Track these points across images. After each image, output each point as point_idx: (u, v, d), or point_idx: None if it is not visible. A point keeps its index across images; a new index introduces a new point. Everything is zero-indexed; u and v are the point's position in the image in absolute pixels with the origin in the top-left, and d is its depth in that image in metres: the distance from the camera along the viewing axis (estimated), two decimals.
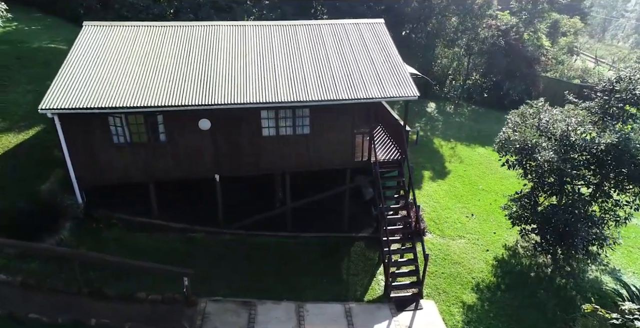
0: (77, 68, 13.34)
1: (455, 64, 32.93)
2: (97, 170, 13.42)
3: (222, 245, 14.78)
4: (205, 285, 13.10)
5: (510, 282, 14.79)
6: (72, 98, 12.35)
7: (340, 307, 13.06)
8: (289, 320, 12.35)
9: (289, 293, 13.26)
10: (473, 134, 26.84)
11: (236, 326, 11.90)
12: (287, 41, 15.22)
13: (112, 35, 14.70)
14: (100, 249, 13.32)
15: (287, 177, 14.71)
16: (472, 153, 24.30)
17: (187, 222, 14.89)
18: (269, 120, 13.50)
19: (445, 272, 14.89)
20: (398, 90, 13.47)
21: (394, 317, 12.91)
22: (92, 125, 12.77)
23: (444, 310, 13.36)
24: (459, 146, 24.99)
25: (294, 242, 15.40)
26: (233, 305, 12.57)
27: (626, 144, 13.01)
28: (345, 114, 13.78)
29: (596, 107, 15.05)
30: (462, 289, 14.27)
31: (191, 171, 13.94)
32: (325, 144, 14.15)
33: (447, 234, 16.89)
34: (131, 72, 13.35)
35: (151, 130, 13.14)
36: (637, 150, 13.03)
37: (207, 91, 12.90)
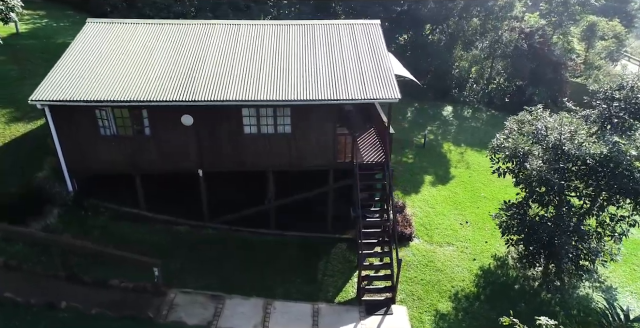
0: (71, 63, 13.99)
1: (476, 67, 32.10)
2: (86, 160, 14.03)
3: (203, 239, 15.11)
4: (180, 276, 13.47)
5: (491, 293, 14.35)
6: (61, 91, 12.98)
7: (308, 306, 13.08)
8: (254, 316, 12.49)
9: (260, 290, 13.40)
10: (486, 140, 26.03)
11: (200, 318, 12.15)
12: (278, 41, 15.37)
13: (110, 33, 15.31)
14: (85, 236, 13.93)
15: (270, 175, 14.83)
16: (481, 159, 23.61)
17: (172, 215, 15.30)
18: (250, 118, 13.68)
19: (424, 278, 14.61)
20: (379, 93, 13.34)
21: (361, 320, 12.80)
22: (81, 118, 13.36)
23: (414, 317, 13.12)
24: (468, 151, 24.38)
25: (275, 240, 15.53)
26: (202, 298, 12.83)
27: (617, 155, 12.34)
28: (327, 115, 13.77)
29: (594, 115, 14.35)
30: (439, 297, 13.96)
31: (175, 165, 14.33)
32: (307, 144, 14.19)
33: (436, 241, 16.55)
34: (121, 68, 13.87)
35: (136, 124, 13.61)
36: (628, 163, 12.33)
37: (189, 88, 13.23)
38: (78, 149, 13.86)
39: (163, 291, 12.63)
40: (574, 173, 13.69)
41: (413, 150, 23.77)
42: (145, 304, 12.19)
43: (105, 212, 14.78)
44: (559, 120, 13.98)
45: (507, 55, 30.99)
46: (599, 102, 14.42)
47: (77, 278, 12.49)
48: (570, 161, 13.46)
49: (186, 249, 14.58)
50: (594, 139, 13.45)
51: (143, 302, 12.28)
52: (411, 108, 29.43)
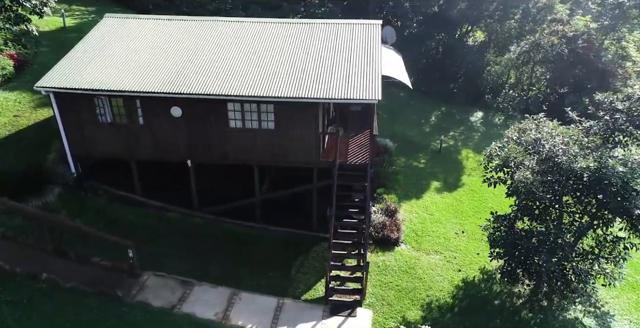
0: (79, 54, 15.08)
1: (515, 72, 30.69)
2: (86, 144, 15.06)
3: (190, 227, 15.71)
4: (160, 260, 14.13)
5: (467, 307, 13.83)
6: (65, 79, 14.04)
7: (274, 300, 13.27)
8: (218, 304, 12.87)
9: (231, 280, 13.75)
10: None
11: (166, 301, 12.70)
12: (275, 39, 15.66)
13: (121, 27, 16.30)
14: (80, 215, 14.98)
15: (256, 169, 15.15)
16: None
17: (165, 202, 16.03)
18: (235, 112, 14.06)
19: (400, 284, 14.34)
20: (360, 93, 13.25)
21: (323, 320, 12.81)
22: (81, 105, 14.35)
23: (378, 322, 12.94)
24: None
25: (259, 233, 15.84)
26: (173, 282, 13.40)
27: (604, 171, 11.48)
28: (310, 113, 13.85)
29: (596, 127, 13.41)
30: (410, 305, 13.66)
31: (167, 154, 15.02)
32: (290, 141, 14.36)
33: (424, 248, 16.15)
34: (122, 60, 14.74)
35: (130, 113, 14.40)
36: (616, 180, 11.44)
37: (178, 81, 13.82)
38: (80, 134, 14.90)
39: (137, 272, 13.32)
40: (566, 187, 12.88)
41: (427, 155, 23.23)
42: (118, 283, 12.92)
43: (103, 194, 15.77)
44: (551, 130, 13.21)
45: (548, 60, 29.38)
46: (602, 113, 13.44)
47: (63, 253, 13.47)
48: (563, 174, 12.69)
49: (172, 235, 15.23)
50: (587, 151, 12.59)
51: (117, 280, 13.02)
52: (437, 111, 28.71)
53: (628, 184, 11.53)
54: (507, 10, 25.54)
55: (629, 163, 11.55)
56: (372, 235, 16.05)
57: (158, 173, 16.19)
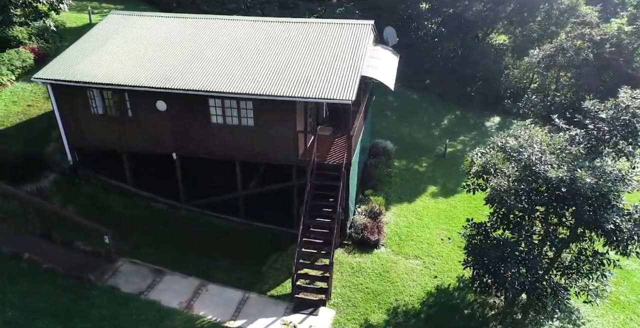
0: (79, 48, 15.88)
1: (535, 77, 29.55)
2: (81, 135, 15.85)
3: (175, 218, 16.23)
4: (139, 248, 14.70)
5: (434, 314, 13.56)
6: (62, 72, 14.83)
7: (240, 294, 13.52)
8: (184, 294, 13.26)
9: (203, 271, 14.11)
10: None
11: (135, 287, 13.22)
12: (264, 38, 15.89)
13: (123, 25, 17.01)
14: (72, 202, 15.82)
15: (238, 165, 15.44)
16: None
17: (154, 193, 16.63)
18: (217, 108, 14.39)
19: (370, 287, 14.24)
20: (335, 93, 13.22)
21: (284, 316, 12.94)
22: (76, 96, 15.12)
23: (339, 323, 12.92)
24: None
25: (239, 228, 16.14)
26: (145, 270, 13.91)
27: (573, 181, 10.98)
28: (288, 111, 13.98)
29: (580, 136, 12.79)
30: (376, 308, 13.54)
31: (153, 146, 15.56)
32: (270, 139, 14.54)
33: (404, 252, 15.94)
34: (117, 55, 15.42)
35: (120, 105, 15.04)
36: (585, 190, 10.91)
37: (164, 76, 14.30)
38: (75, 125, 15.70)
39: (113, 258, 13.93)
40: (543, 198, 12.40)
41: (430, 159, 22.83)
42: (93, 267, 13.56)
43: (97, 183, 16.56)
44: (529, 137, 12.73)
45: (573, 65, 28.10)
46: (588, 121, 12.81)
47: (48, 236, 14.27)
48: (540, 184, 12.23)
49: (156, 225, 15.80)
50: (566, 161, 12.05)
51: (93, 265, 13.67)
52: (451, 115, 28.12)
53: (601, 197, 11.00)
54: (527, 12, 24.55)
55: (603, 175, 10.97)
56: (352, 236, 16.05)
57: (150, 166, 16.79)
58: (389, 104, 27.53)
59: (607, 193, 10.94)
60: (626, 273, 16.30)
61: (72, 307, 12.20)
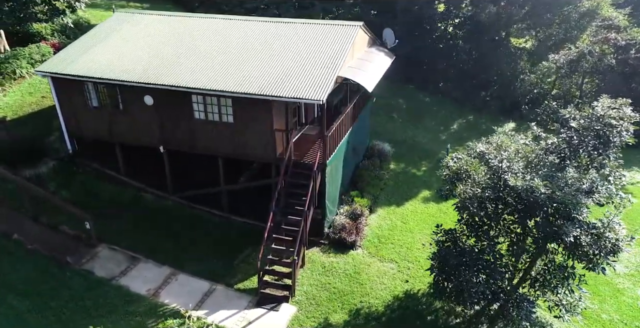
0: (80, 45, 16.78)
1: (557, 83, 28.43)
2: (78, 125, 16.74)
3: (160, 208, 16.84)
4: (121, 235, 15.39)
5: (397, 318, 13.44)
6: (61, 66, 15.74)
7: (207, 285, 13.91)
8: (154, 281, 13.78)
9: (177, 261, 14.59)
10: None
11: (108, 272, 13.87)
12: (252, 37, 16.21)
13: (125, 23, 17.80)
14: (67, 187, 16.75)
15: (220, 161, 15.85)
16: None
17: (145, 183, 17.33)
18: (199, 104, 14.85)
19: (337, 287, 14.27)
20: (308, 93, 13.35)
21: (245, 309, 13.21)
22: (73, 89, 15.99)
23: (297, 319, 13.05)
24: None
25: (221, 221, 16.55)
26: (121, 256, 14.55)
27: (531, 190, 10.65)
28: (264, 110, 14.23)
29: (554, 145, 12.35)
30: (339, 308, 13.56)
31: (142, 139, 16.22)
32: (248, 136, 14.85)
33: (380, 254, 15.85)
34: (113, 51, 16.18)
35: (112, 99, 15.78)
36: (542, 201, 10.56)
37: (152, 72, 14.90)
38: (73, 116, 16.62)
39: (93, 243, 14.66)
40: (509, 206, 12.08)
41: (430, 163, 22.47)
42: (73, 250, 14.34)
43: (92, 171, 17.44)
44: (498, 144, 12.41)
45: (597, 71, 26.89)
46: (562, 129, 12.36)
47: (38, 219, 15.19)
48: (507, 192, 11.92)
49: (141, 214, 16.46)
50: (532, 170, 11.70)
51: (73, 248, 14.45)
52: (462, 120, 27.51)
53: (561, 208, 10.62)
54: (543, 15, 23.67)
55: (563, 186, 10.58)
56: (329, 236, 16.12)
57: (142, 158, 17.45)
58: (398, 105, 27.28)
59: (566, 204, 10.54)
60: (616, 291, 15.52)
61: (44, 286, 12.98)
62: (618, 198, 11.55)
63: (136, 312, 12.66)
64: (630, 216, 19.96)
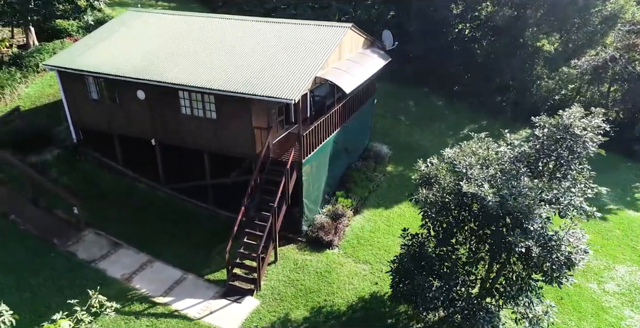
0: (87, 41, 17.84)
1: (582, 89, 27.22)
2: (81, 116, 17.81)
3: (152, 198, 17.63)
4: (110, 221, 16.25)
5: (356, 319, 13.47)
6: (66, 60, 16.82)
7: (179, 274, 14.49)
8: (130, 267, 14.50)
9: (156, 249, 15.26)
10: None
11: (90, 256, 14.72)
12: (246, 36, 16.66)
13: (131, 21, 18.73)
14: (68, 174, 17.86)
15: (206, 155, 16.42)
16: None
17: (141, 174, 18.19)
18: (185, 100, 15.47)
19: (305, 284, 14.47)
20: (282, 93, 13.63)
21: (210, 299, 13.67)
22: (77, 82, 17.04)
23: (258, 312, 13.36)
24: None
25: (207, 214, 17.12)
26: (105, 241, 15.40)
27: (481, 197, 10.47)
28: (244, 107, 14.64)
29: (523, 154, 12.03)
30: (301, 305, 13.77)
31: (136, 131, 17.06)
32: (230, 132, 15.31)
33: (356, 255, 15.92)
34: (114, 47, 17.10)
35: (110, 93, 16.69)
36: (493, 209, 10.37)
37: (144, 68, 15.66)
38: (76, 107, 17.69)
39: (80, 227, 15.60)
40: (471, 213, 11.91)
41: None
42: (62, 233, 15.32)
43: (93, 160, 18.49)
44: (462, 150, 12.23)
45: (622, 78, 25.58)
46: (531, 138, 12.03)
47: (37, 201, 16.33)
48: (468, 199, 11.76)
49: (132, 202, 17.29)
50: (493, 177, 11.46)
51: (63, 231, 15.43)
52: (474, 125, 26.85)
53: (516, 217, 10.39)
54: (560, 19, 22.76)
55: (517, 195, 10.33)
56: (307, 234, 16.34)
57: (138, 149, 18.24)
58: (407, 108, 27.04)
59: (518, 214, 10.30)
60: (599, 309, 14.83)
61: (28, 264, 13.97)
62: (582, 211, 11.19)
63: (106, 294, 13.18)
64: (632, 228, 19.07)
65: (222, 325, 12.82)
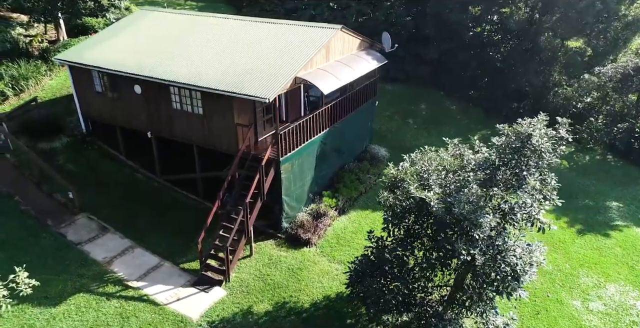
0: (97, 37, 18.98)
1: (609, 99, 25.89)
2: (88, 108, 18.98)
3: (147, 188, 18.51)
4: (104, 207, 17.23)
5: (316, 316, 13.65)
6: (74, 55, 18.00)
7: (156, 260, 15.18)
8: (113, 251, 15.33)
9: (141, 236, 16.04)
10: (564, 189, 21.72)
11: (78, 238, 15.69)
12: (237, 36, 17.17)
13: (141, 19, 19.73)
14: (73, 161, 19.08)
15: (195, 149, 17.08)
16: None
17: (139, 164, 19.15)
18: (175, 95, 16.18)
19: (275, 279, 14.79)
20: (258, 91, 14.00)
21: (179, 287, 14.26)
22: (84, 76, 18.19)
23: (222, 302, 13.78)
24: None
25: (195, 206, 17.78)
26: (95, 226, 16.35)
27: (426, 203, 10.41)
28: (226, 104, 15.14)
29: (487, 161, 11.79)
30: (267, 299, 14.10)
31: (134, 124, 17.98)
32: (215, 128, 15.88)
33: (332, 255, 16.06)
34: (119, 44, 18.11)
35: (112, 86, 17.69)
36: (438, 215, 10.29)
37: (139, 65, 16.51)
38: (85, 99, 18.87)
39: (75, 211, 16.65)
40: (427, 219, 11.84)
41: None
42: (57, 215, 16.42)
43: (98, 149, 19.64)
44: (422, 155, 12.16)
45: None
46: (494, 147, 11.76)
47: (40, 186, 17.58)
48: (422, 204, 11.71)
49: (129, 190, 18.23)
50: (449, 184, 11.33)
51: (59, 214, 16.53)
52: (486, 130, 26.18)
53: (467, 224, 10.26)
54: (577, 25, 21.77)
55: (464, 203, 10.19)
56: (287, 231, 16.64)
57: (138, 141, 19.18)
58: (417, 111, 26.73)
59: (463, 221, 10.17)
60: None
61: (21, 242, 15.11)
62: (537, 222, 10.86)
63: (85, 275, 14.29)
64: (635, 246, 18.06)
65: (185, 312, 13.36)
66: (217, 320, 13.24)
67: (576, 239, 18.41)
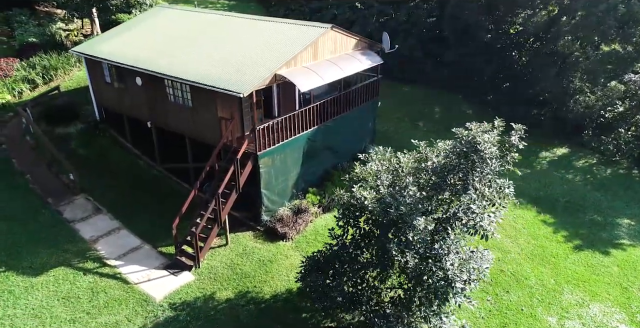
0: (112, 32, 20.28)
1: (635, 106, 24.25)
2: (101, 97, 20.33)
3: (147, 175, 19.55)
4: (104, 189, 18.43)
5: (274, 308, 13.94)
6: (89, 48, 19.37)
7: (138, 242, 16.08)
8: (100, 231, 16.40)
9: (129, 218, 17.02)
10: (562, 199, 20.80)
11: (72, 216, 16.91)
12: (236, 33, 17.77)
13: (154, 16, 20.85)
14: (84, 147, 20.52)
15: (187, 140, 17.87)
16: (514, 214, 19.47)
17: (142, 152, 20.28)
18: (169, 88, 17.03)
19: (244, 269, 15.25)
20: (236, 86, 14.48)
21: (153, 269, 15.05)
22: (97, 67, 19.52)
23: (187, 286, 14.39)
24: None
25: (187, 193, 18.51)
26: (90, 207, 17.53)
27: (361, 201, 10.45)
28: (210, 98, 15.77)
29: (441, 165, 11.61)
30: (232, 287, 14.57)
31: (137, 114, 19.08)
32: (202, 120, 16.57)
33: (307, 250, 16.27)
34: (129, 39, 19.28)
35: (119, 77, 18.87)
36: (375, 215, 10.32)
37: (141, 58, 17.52)
38: (98, 89, 20.23)
39: (75, 191, 17.94)
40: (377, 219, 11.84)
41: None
42: (59, 195, 17.78)
43: (109, 136, 20.98)
44: (382, 156, 12.15)
45: None
46: None
47: (50, 167, 19.08)
48: None
49: (129, 176, 19.35)
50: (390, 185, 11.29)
51: (62, 193, 17.89)
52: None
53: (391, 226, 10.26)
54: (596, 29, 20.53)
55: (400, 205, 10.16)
56: (267, 224, 17.05)
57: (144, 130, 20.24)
58: (430, 114, 26.25)
59: (399, 222, 10.15)
60: None
61: (21, 216, 16.53)
62: (480, 229, 10.61)
63: (70, 250, 15.41)
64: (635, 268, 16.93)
65: (150, 292, 14.10)
66: (178, 302, 13.86)
67: (570, 254, 17.49)
